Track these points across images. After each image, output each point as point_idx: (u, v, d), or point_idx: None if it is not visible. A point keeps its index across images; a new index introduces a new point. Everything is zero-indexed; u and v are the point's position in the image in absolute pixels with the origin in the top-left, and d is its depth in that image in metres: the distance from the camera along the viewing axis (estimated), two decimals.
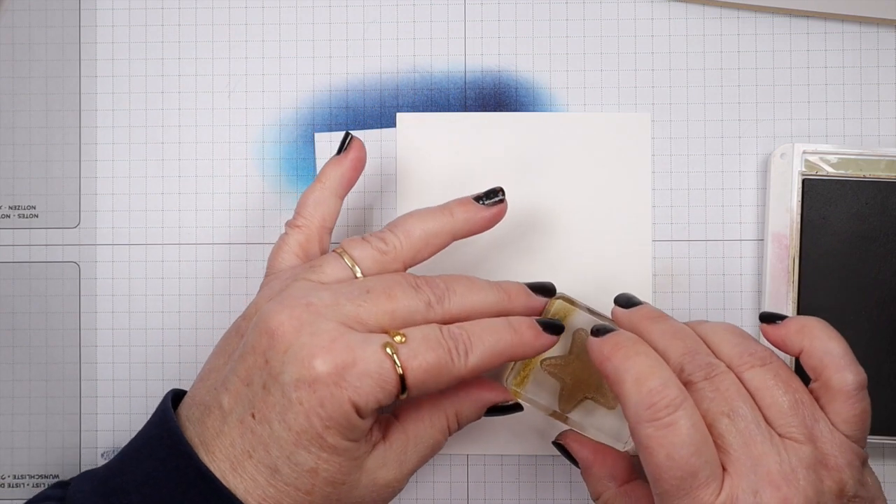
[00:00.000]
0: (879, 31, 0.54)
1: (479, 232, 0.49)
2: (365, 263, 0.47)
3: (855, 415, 0.44)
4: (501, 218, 0.50)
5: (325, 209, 0.50)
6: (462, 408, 0.49)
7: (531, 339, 0.47)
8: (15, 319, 0.55)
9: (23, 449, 0.55)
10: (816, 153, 0.53)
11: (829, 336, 0.45)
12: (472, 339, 0.45)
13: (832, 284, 0.52)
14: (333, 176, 0.50)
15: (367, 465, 0.46)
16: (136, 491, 0.45)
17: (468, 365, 0.45)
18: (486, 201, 0.49)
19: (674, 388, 0.43)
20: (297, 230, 0.50)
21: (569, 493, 0.54)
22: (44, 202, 0.55)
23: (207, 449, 0.45)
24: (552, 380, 0.50)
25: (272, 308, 0.45)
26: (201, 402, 0.46)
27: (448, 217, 0.49)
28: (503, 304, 0.48)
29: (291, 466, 0.44)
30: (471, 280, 0.48)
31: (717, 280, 0.54)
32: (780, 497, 0.41)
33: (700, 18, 0.55)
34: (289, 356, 0.43)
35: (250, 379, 0.45)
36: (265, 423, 0.44)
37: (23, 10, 0.55)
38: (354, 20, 0.55)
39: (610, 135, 0.54)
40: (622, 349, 0.44)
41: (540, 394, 0.50)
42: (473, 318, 0.47)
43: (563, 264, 0.54)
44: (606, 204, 0.54)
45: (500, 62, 0.55)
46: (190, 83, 0.55)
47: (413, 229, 0.48)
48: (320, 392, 0.43)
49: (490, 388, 0.50)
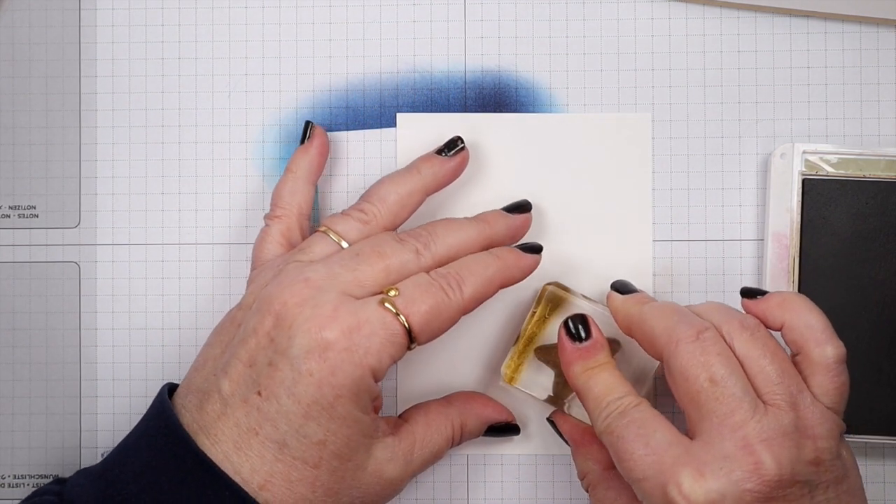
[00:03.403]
0: (879, 30, 0.54)
1: (448, 183, 0.52)
2: (350, 236, 0.49)
3: (835, 387, 0.45)
4: (465, 166, 0.52)
5: (301, 197, 0.52)
6: (468, 420, 0.51)
7: (514, 261, 0.49)
8: (15, 319, 0.55)
9: (23, 449, 0.55)
10: (816, 153, 0.53)
11: (809, 310, 0.46)
12: (461, 274, 0.47)
13: (832, 284, 0.52)
14: (302, 164, 0.52)
15: (375, 452, 0.47)
16: (135, 481, 0.45)
17: (465, 296, 0.47)
18: (448, 153, 0.52)
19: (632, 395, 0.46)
20: (277, 220, 0.51)
21: (569, 493, 0.54)
22: (44, 202, 0.55)
23: (208, 433, 0.45)
24: (547, 368, 0.51)
25: (271, 291, 0.46)
26: (199, 390, 0.46)
27: (417, 176, 0.51)
28: (485, 233, 0.50)
29: (300, 439, 0.44)
30: (449, 221, 0.50)
31: (717, 280, 0.54)
32: (751, 462, 0.42)
33: (700, 18, 0.55)
34: (295, 330, 0.45)
35: (254, 360, 0.45)
36: (272, 398, 0.44)
37: (23, 10, 0.55)
38: (354, 20, 0.55)
39: (610, 135, 0.54)
40: (589, 371, 0.47)
41: (535, 380, 0.52)
42: (461, 254, 0.49)
43: (563, 264, 0.54)
44: (606, 204, 0.54)
45: (501, 62, 0.55)
46: (190, 83, 0.55)
47: (387, 195, 0.50)
48: (331, 360, 0.44)
49: (494, 408, 0.52)
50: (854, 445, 0.53)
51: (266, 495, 0.44)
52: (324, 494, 0.45)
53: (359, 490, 0.46)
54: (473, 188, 0.54)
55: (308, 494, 0.45)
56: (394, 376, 0.54)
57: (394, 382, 0.54)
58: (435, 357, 0.54)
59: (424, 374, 0.54)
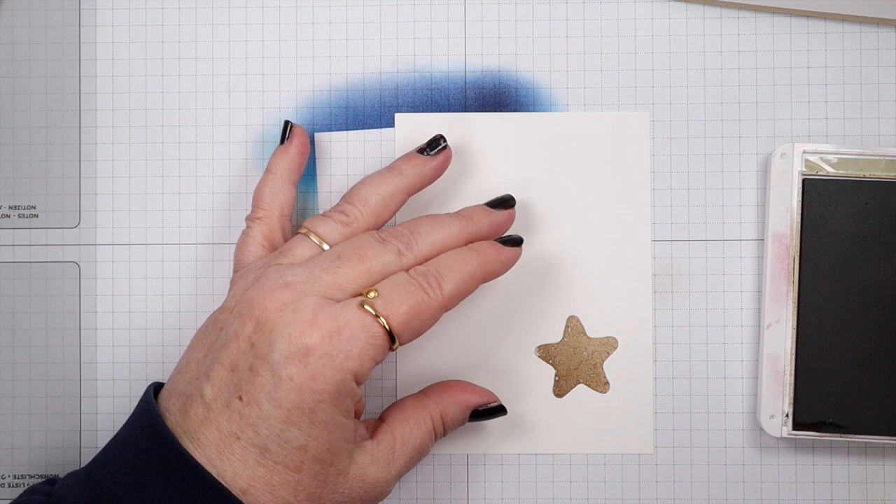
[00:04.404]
0: (879, 30, 0.54)
1: (430, 182, 0.52)
2: (331, 238, 0.49)
3: None
4: (447, 164, 0.52)
5: (282, 198, 0.51)
6: (446, 409, 0.50)
7: (495, 255, 0.49)
8: (15, 319, 0.55)
9: (23, 449, 0.55)
10: (816, 153, 0.53)
11: None
12: (440, 271, 0.47)
13: (832, 284, 0.52)
14: (283, 165, 0.52)
15: (356, 457, 0.47)
16: (121, 482, 0.45)
17: (445, 293, 0.47)
18: (430, 152, 0.51)
19: None
20: (258, 222, 0.51)
21: (569, 493, 0.54)
22: (44, 202, 0.55)
23: (191, 437, 0.45)
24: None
25: (252, 295, 0.46)
26: (182, 393, 0.46)
27: (399, 176, 0.50)
28: (468, 230, 0.50)
29: (281, 444, 0.44)
30: (431, 218, 0.50)
31: (717, 280, 0.54)
32: None
33: (700, 18, 0.55)
34: (275, 336, 0.45)
35: (235, 365, 0.45)
36: (253, 403, 0.44)
37: (23, 10, 0.55)
38: (354, 20, 0.55)
39: (610, 135, 0.54)
40: None
41: None
42: (444, 251, 0.49)
43: (562, 264, 0.54)
44: (606, 204, 0.54)
45: (500, 62, 0.55)
46: (190, 83, 0.55)
47: (369, 196, 0.50)
48: (312, 365, 0.44)
49: (473, 391, 0.51)
50: (854, 445, 0.53)
51: (249, 499, 0.44)
52: (306, 499, 0.45)
53: (342, 494, 0.46)
54: (472, 187, 0.54)
55: (290, 499, 0.45)
56: (392, 377, 0.54)
57: (393, 384, 0.54)
58: (433, 361, 0.54)
59: (423, 380, 0.54)
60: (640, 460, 0.54)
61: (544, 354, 0.53)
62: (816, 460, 0.54)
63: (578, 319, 0.53)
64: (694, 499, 0.54)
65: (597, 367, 0.53)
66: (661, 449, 0.54)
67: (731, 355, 0.54)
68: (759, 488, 0.54)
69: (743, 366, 0.54)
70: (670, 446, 0.54)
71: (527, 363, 0.54)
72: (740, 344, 0.54)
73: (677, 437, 0.54)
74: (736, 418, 0.54)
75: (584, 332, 0.53)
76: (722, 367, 0.54)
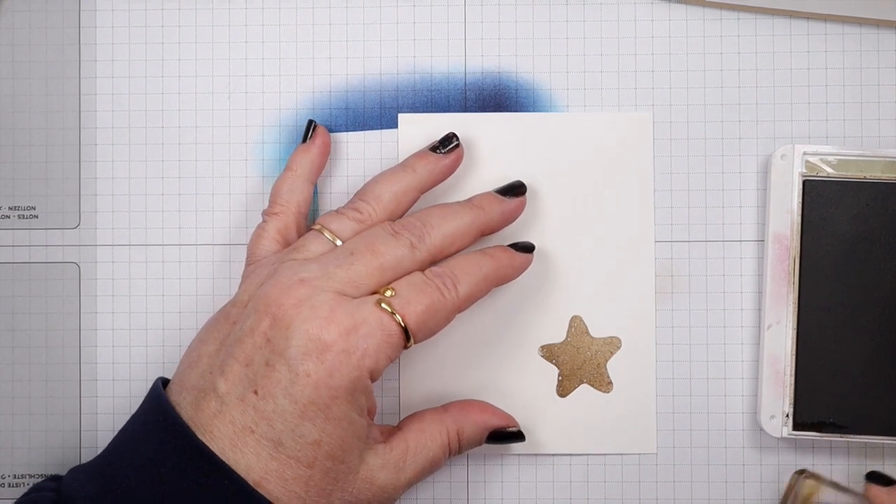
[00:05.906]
0: (880, 32, 0.54)
1: (443, 180, 0.52)
2: (344, 234, 0.49)
3: None
4: (460, 163, 0.52)
5: (300, 195, 0.52)
6: (464, 426, 0.50)
7: (508, 260, 0.50)
8: (15, 320, 0.55)
9: (23, 449, 0.55)
10: (817, 154, 0.53)
11: None
12: (455, 273, 0.48)
13: (833, 285, 0.52)
14: (303, 163, 0.52)
15: (367, 458, 0.47)
16: (134, 475, 0.45)
17: (460, 295, 0.47)
18: (443, 150, 0.52)
19: None
20: (274, 217, 0.51)
21: (569, 493, 0.54)
22: (44, 203, 0.55)
23: (204, 430, 0.45)
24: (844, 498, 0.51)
25: (267, 291, 0.46)
26: (193, 387, 0.46)
27: (412, 173, 0.51)
28: (479, 220, 0.50)
29: (295, 439, 0.45)
30: (443, 208, 0.50)
31: (717, 281, 0.54)
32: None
33: (700, 20, 0.55)
34: (292, 331, 0.45)
35: (250, 360, 0.45)
36: (269, 398, 0.45)
37: (23, 11, 0.55)
38: (354, 21, 0.55)
39: (610, 136, 0.54)
40: None
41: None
42: (457, 242, 0.49)
43: (565, 264, 0.54)
44: (610, 204, 0.54)
45: (501, 63, 0.55)
46: (190, 84, 0.55)
47: (382, 193, 0.50)
48: (329, 362, 0.44)
49: (493, 413, 0.51)
50: (854, 445, 0.54)
51: (261, 492, 0.45)
52: (317, 494, 0.45)
53: (350, 494, 0.46)
54: (474, 188, 0.54)
55: (302, 493, 0.45)
56: (395, 376, 0.54)
57: (395, 383, 0.55)
58: (437, 361, 0.54)
59: (426, 379, 0.54)
60: (640, 460, 0.54)
61: (548, 354, 0.53)
62: (816, 460, 0.54)
63: (582, 319, 0.54)
64: (694, 499, 0.54)
65: (600, 366, 0.53)
66: (662, 449, 0.54)
67: (732, 356, 0.54)
68: (759, 488, 0.54)
69: (743, 366, 0.54)
70: (670, 446, 0.54)
71: (530, 363, 0.54)
72: (741, 344, 0.54)
73: (677, 437, 0.54)
74: (736, 419, 0.54)
75: (587, 331, 0.53)
76: (722, 368, 0.54)
